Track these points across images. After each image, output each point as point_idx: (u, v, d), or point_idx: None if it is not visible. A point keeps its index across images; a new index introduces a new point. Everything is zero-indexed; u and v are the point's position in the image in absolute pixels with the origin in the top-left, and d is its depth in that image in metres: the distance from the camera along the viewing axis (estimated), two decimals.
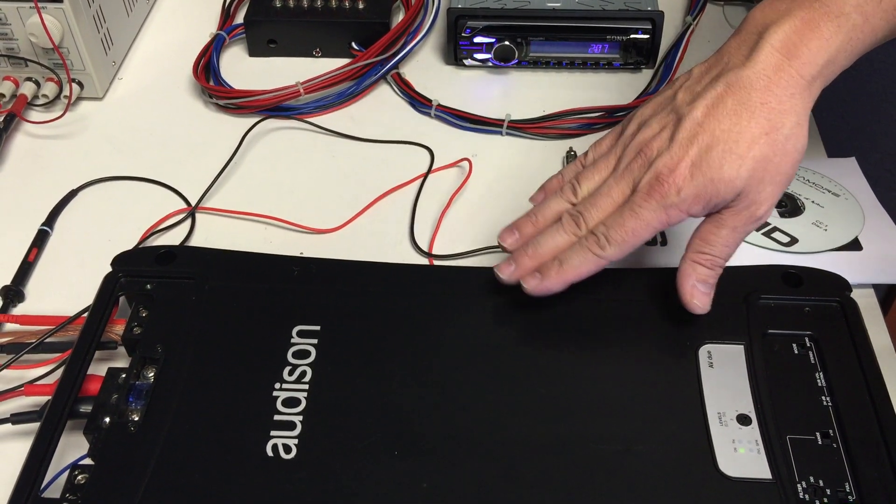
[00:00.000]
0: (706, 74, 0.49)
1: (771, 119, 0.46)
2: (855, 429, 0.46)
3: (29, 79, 0.71)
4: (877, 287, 0.58)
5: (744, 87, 0.47)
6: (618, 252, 0.49)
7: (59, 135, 0.71)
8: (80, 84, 0.72)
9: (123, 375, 0.49)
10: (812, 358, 0.50)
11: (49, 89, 0.71)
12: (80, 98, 0.73)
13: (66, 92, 0.71)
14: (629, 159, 0.50)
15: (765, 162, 0.47)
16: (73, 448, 0.48)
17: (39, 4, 0.66)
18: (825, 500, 0.44)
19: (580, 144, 0.68)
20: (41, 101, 0.71)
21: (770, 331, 0.50)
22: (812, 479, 0.44)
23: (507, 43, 0.73)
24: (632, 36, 0.72)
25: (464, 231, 0.62)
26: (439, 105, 0.71)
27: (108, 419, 0.47)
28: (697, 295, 0.50)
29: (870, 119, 1.00)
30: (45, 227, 0.63)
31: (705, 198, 0.47)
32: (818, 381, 0.49)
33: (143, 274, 0.54)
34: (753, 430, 0.46)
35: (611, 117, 0.70)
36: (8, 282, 0.59)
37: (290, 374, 0.49)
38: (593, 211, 0.50)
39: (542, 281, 0.50)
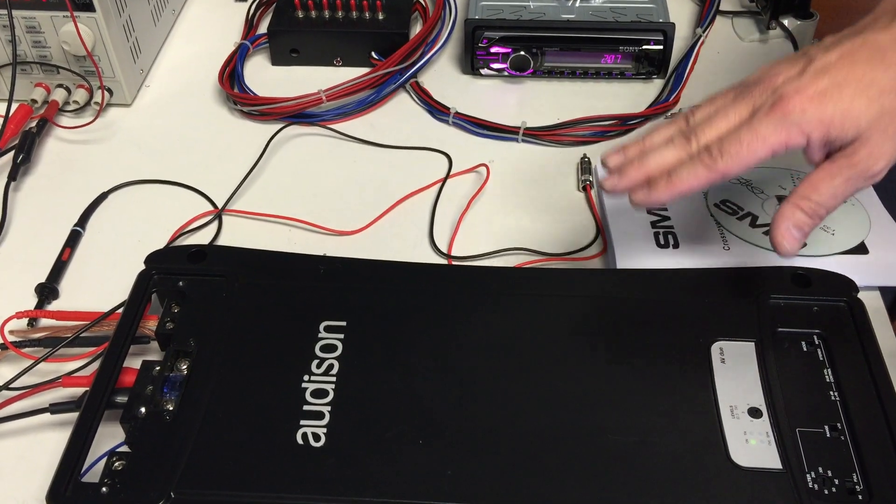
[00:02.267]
0: (839, 37, 0.48)
1: None
2: (862, 422, 0.48)
3: (60, 85, 0.74)
4: (883, 290, 0.59)
5: (880, 47, 0.46)
6: (730, 165, 0.47)
7: (89, 140, 0.73)
8: (110, 91, 0.74)
9: (158, 367, 0.51)
10: (820, 355, 0.51)
11: (80, 96, 0.73)
12: (109, 104, 0.75)
13: (96, 98, 0.73)
14: (750, 89, 0.48)
15: (892, 115, 0.46)
16: (107, 437, 0.50)
17: (73, 14, 0.68)
18: (833, 489, 0.45)
19: (594, 151, 0.70)
20: (72, 107, 0.74)
21: (780, 329, 0.52)
22: (821, 469, 0.46)
23: (522, 53, 0.75)
24: (644, 47, 0.74)
25: (482, 233, 0.64)
26: (457, 113, 0.73)
27: (143, 409, 0.49)
28: (789, 238, 0.48)
29: None
30: (78, 228, 0.65)
31: (827, 126, 0.46)
32: (826, 376, 0.50)
33: (176, 272, 0.56)
34: (764, 422, 0.48)
35: (624, 125, 0.72)
36: (43, 279, 0.61)
37: (318, 366, 0.51)
38: (707, 129, 0.48)
39: (650, 193, 0.49)
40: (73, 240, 0.64)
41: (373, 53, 0.78)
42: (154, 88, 0.78)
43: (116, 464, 0.47)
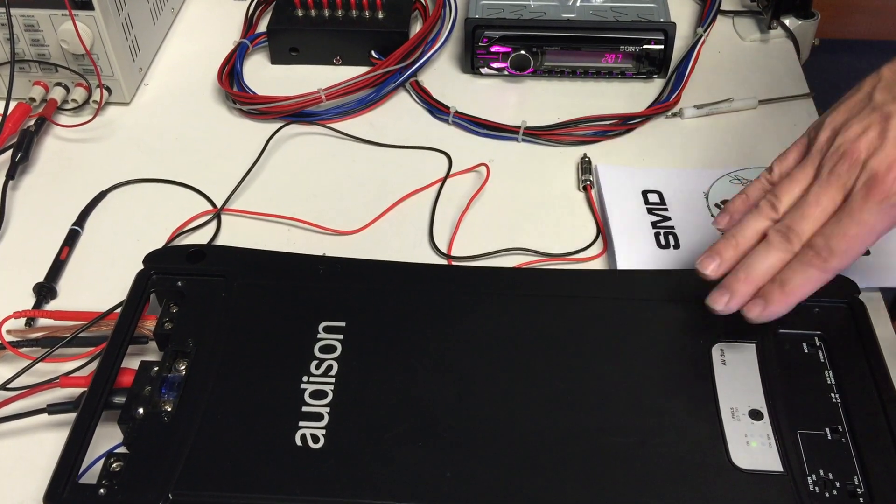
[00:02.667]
0: None
1: None
2: (863, 424, 0.48)
3: (58, 84, 0.73)
4: (884, 291, 0.59)
5: None
6: (842, 263, 0.46)
7: (87, 138, 0.73)
8: (109, 89, 0.74)
9: (156, 368, 0.51)
10: (821, 357, 0.51)
11: (78, 94, 0.73)
12: (107, 103, 0.75)
13: (95, 97, 0.73)
14: (832, 163, 0.46)
15: None
16: (105, 438, 0.50)
17: (72, 12, 0.68)
18: (834, 492, 0.45)
19: (594, 151, 0.70)
20: (70, 105, 0.73)
21: (781, 330, 0.52)
22: (822, 471, 0.46)
23: (522, 52, 0.75)
24: (644, 46, 0.74)
25: (481, 233, 0.64)
26: (457, 112, 0.73)
27: (141, 410, 0.49)
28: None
29: None
30: (76, 227, 0.65)
31: None
32: (827, 378, 0.50)
33: (174, 271, 0.56)
34: (765, 424, 0.48)
35: (624, 124, 0.72)
36: (41, 279, 0.61)
37: (317, 367, 0.51)
38: (803, 223, 0.47)
39: (766, 307, 0.47)
40: (72, 239, 0.64)
41: (372, 52, 0.77)
42: (153, 87, 0.78)
43: (114, 465, 0.47)
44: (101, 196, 0.68)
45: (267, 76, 0.79)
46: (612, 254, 0.61)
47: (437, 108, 0.74)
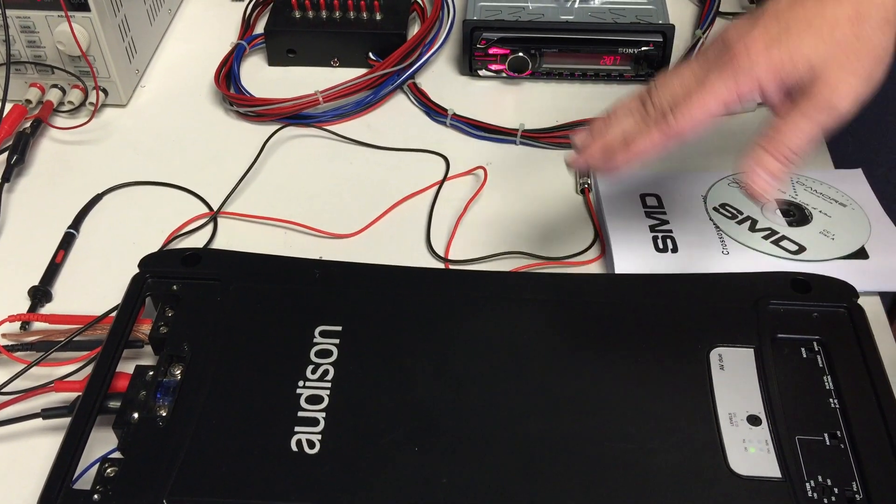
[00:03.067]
0: None
1: (858, 6, 0.46)
2: (862, 430, 0.47)
3: (55, 86, 0.73)
4: (883, 295, 0.59)
5: None
6: (682, 124, 0.47)
7: (83, 140, 0.73)
8: (105, 91, 0.73)
9: (151, 373, 0.51)
10: (820, 361, 0.51)
11: (74, 96, 0.73)
12: (104, 105, 0.74)
13: (91, 99, 0.73)
14: (705, 51, 0.49)
15: (845, 46, 0.45)
16: (100, 443, 0.49)
17: (68, 13, 0.68)
18: (833, 498, 0.45)
19: None
20: (66, 107, 0.73)
21: (779, 335, 0.52)
22: (820, 477, 0.46)
23: (521, 54, 0.74)
24: (643, 48, 0.74)
25: (479, 237, 0.64)
26: (454, 114, 0.73)
27: (136, 414, 0.49)
28: (761, 183, 0.47)
29: (875, 132, 1.02)
30: (72, 230, 0.65)
31: (777, 70, 0.46)
32: (826, 383, 0.50)
33: (170, 275, 0.55)
34: (763, 430, 0.48)
35: None
36: (36, 282, 0.61)
37: (314, 372, 0.50)
38: (662, 90, 0.48)
39: (607, 160, 0.49)
40: (67, 242, 0.64)
41: (370, 54, 0.77)
42: (150, 89, 0.77)
43: (109, 470, 0.46)
44: (96, 199, 0.67)
45: (264, 78, 0.78)
46: (609, 257, 0.61)
47: (434, 111, 0.74)
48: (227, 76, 0.77)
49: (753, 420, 0.48)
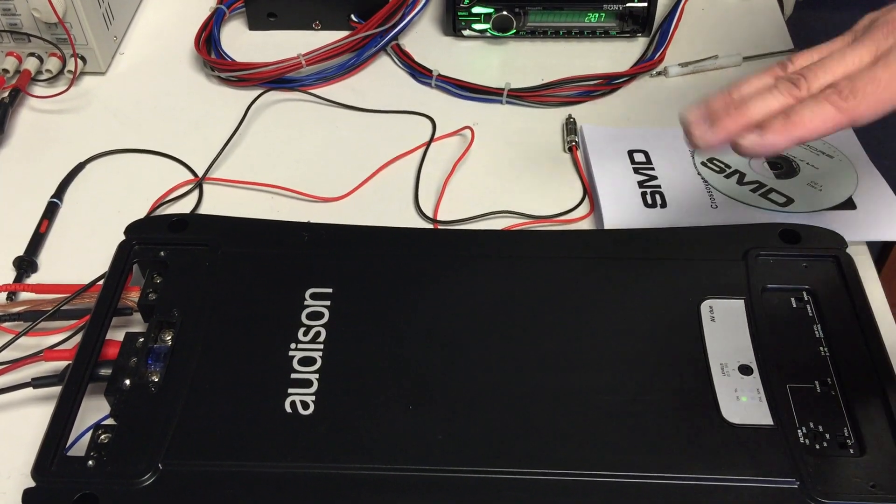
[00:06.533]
0: None
1: None
2: (852, 377, 0.48)
3: (32, 54, 0.72)
4: (871, 245, 0.59)
5: None
6: (865, 107, 0.41)
7: (63, 109, 0.72)
8: (83, 59, 0.72)
9: (141, 339, 0.50)
10: (810, 311, 0.51)
11: (52, 64, 0.71)
12: (83, 73, 0.73)
13: (69, 67, 0.71)
14: (867, 31, 0.42)
15: None
16: (92, 410, 0.49)
17: None
18: (825, 444, 0.45)
19: (579, 112, 0.70)
20: (44, 76, 0.72)
21: (769, 285, 0.52)
22: (812, 424, 0.46)
23: (505, 13, 0.74)
24: (628, 5, 0.73)
25: (467, 197, 0.64)
26: (439, 75, 0.72)
27: (128, 381, 0.49)
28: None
29: None
30: (55, 200, 0.64)
31: None
32: (816, 332, 0.50)
33: (157, 241, 0.55)
34: (755, 379, 0.48)
35: (609, 84, 0.71)
36: (21, 252, 0.60)
37: (305, 334, 0.50)
38: (820, 73, 0.42)
39: (763, 135, 0.42)
40: (51, 211, 0.63)
41: (352, 16, 0.76)
42: (129, 55, 0.76)
43: (102, 437, 0.46)
44: (79, 168, 0.66)
45: (245, 42, 0.77)
46: (598, 214, 0.61)
47: (419, 72, 0.73)
48: (208, 41, 0.75)
49: (745, 370, 0.48)
